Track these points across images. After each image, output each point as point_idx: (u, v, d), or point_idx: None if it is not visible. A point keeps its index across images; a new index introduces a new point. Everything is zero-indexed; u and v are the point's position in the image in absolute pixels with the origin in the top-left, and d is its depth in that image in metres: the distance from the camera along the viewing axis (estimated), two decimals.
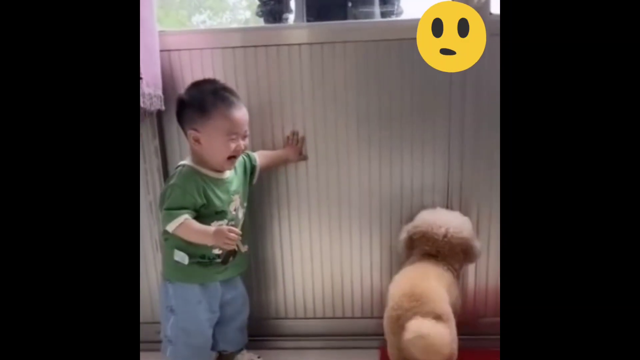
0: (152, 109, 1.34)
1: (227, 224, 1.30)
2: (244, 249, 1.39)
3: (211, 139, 1.25)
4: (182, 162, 1.31)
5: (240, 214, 1.37)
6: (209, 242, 1.24)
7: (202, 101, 1.24)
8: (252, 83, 1.43)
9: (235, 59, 1.42)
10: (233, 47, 1.41)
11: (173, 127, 1.46)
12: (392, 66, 1.39)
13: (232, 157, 1.28)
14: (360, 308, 1.58)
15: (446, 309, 1.15)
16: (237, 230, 1.26)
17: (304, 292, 1.58)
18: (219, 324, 1.40)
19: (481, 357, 1.38)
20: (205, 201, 1.26)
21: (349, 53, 1.39)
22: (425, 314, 1.12)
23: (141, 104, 1.27)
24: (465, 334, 1.24)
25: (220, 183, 1.31)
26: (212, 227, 1.24)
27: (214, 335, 1.40)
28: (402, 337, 1.10)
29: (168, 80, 1.42)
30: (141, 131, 1.42)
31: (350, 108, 1.43)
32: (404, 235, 1.38)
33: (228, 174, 1.34)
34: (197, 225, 1.23)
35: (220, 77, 1.41)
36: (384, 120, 1.43)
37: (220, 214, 1.29)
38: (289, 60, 1.41)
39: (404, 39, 1.36)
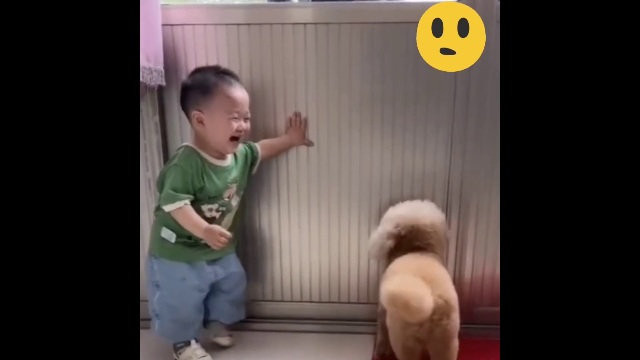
0: (152, 83, 1.32)
1: (218, 209, 1.33)
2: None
3: (214, 118, 1.27)
4: (184, 144, 1.33)
5: (235, 202, 1.38)
6: (198, 235, 1.27)
7: (204, 82, 1.27)
8: (255, 61, 1.41)
9: (239, 36, 1.39)
10: (237, 24, 1.39)
11: (174, 103, 1.44)
12: (398, 50, 1.36)
13: (234, 139, 1.30)
14: (356, 293, 1.57)
15: (454, 294, 1.15)
16: (229, 234, 1.28)
17: (301, 275, 1.58)
18: (212, 296, 1.42)
19: (476, 346, 1.38)
20: (202, 184, 1.28)
21: (355, 35, 1.36)
22: (435, 297, 1.10)
23: (140, 79, 1.25)
24: (461, 322, 1.23)
25: (220, 170, 1.33)
26: (206, 223, 1.27)
27: (206, 306, 1.42)
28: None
29: (170, 56, 1.40)
30: (141, 107, 1.40)
31: (354, 91, 1.41)
32: (385, 240, 1.31)
33: (229, 161, 1.35)
34: (194, 215, 1.26)
35: (223, 54, 1.40)
36: (387, 105, 1.41)
37: (213, 199, 1.31)
38: (293, 40, 1.38)
39: (411, 22, 1.33)
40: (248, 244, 1.56)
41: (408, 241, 1.30)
